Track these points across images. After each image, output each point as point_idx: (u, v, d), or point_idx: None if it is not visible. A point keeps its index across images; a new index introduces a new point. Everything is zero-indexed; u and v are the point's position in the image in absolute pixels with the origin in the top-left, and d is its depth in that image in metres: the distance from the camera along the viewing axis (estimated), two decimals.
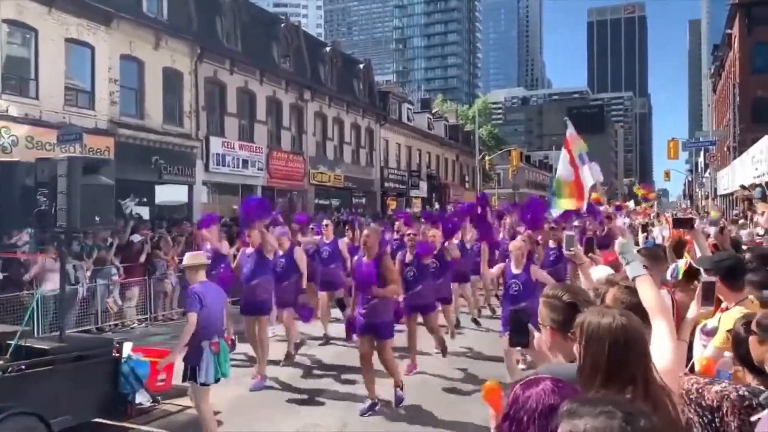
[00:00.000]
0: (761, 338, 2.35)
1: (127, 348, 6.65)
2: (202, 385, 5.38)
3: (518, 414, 1.66)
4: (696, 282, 3.34)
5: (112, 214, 12.59)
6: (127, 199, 18.59)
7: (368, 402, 6.77)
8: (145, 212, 18.81)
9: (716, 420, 2.10)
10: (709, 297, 2.92)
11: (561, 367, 2.21)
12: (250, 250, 8.44)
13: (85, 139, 14.75)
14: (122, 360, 6.18)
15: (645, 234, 8.80)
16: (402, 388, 6.89)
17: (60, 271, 7.31)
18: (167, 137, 20.07)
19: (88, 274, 11.38)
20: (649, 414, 1.24)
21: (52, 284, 10.62)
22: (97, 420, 5.86)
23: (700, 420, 2.06)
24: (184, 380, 5.52)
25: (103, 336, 8.81)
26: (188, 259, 5.81)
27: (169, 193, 20.75)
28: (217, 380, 5.48)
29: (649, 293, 2.44)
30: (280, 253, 8.84)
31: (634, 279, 2.52)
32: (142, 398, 6.58)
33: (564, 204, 9.45)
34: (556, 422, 1.26)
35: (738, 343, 2.41)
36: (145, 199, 19.75)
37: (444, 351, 8.75)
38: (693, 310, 3.27)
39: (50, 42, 16.24)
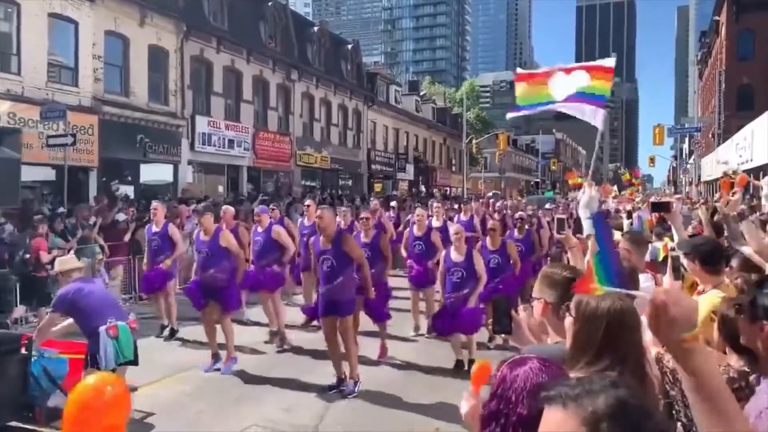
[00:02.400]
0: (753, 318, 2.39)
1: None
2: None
3: (506, 393, 1.69)
4: None
5: (17, 192, 12.41)
6: (116, 181, 18.50)
7: (345, 382, 6.70)
8: (130, 191, 18.68)
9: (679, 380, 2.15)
10: (676, 271, 2.99)
11: (546, 348, 2.24)
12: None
13: (69, 117, 14.57)
14: (33, 358, 5.47)
15: (630, 221, 8.85)
16: (356, 383, 6.67)
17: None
18: (152, 116, 19.86)
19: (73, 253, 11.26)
20: (632, 385, 1.25)
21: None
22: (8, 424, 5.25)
23: (684, 399, 2.10)
24: (85, 368, 5.22)
25: (10, 331, 7.79)
26: (60, 265, 5.68)
27: (154, 172, 20.61)
28: (120, 364, 5.26)
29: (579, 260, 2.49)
30: (259, 230, 8.85)
31: (588, 236, 2.60)
32: (58, 400, 5.40)
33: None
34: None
35: (725, 324, 2.45)
36: (129, 178, 19.61)
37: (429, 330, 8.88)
38: (666, 285, 3.34)
39: (33, 17, 15.95)
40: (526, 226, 10.40)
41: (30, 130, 15.31)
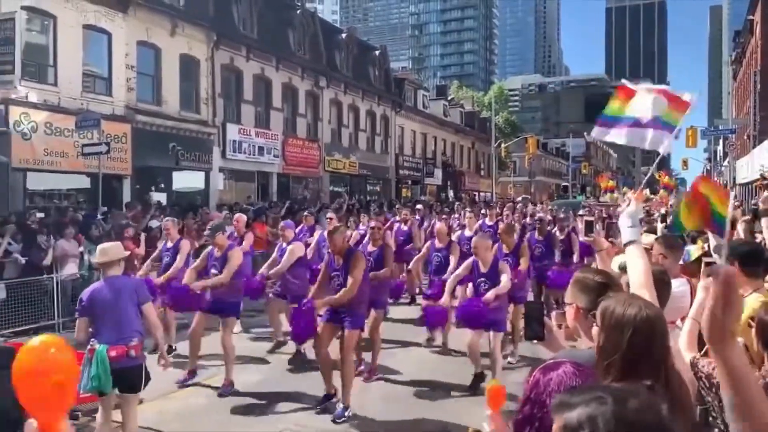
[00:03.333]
0: None
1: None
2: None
3: (540, 397, 1.68)
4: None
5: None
6: (152, 191, 18.86)
7: (333, 399, 6.42)
8: (162, 198, 18.98)
9: (715, 385, 2.11)
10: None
11: (579, 352, 2.22)
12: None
13: (103, 125, 14.90)
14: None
15: (664, 224, 8.71)
16: (346, 409, 6.18)
17: None
18: (184, 124, 20.18)
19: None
20: (639, 393, 1.24)
21: (71, 268, 10.79)
22: None
23: (720, 405, 2.06)
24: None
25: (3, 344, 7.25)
26: (99, 255, 5.16)
27: (186, 180, 20.92)
28: (90, 392, 4.81)
29: (637, 262, 2.46)
30: (284, 245, 8.71)
31: (627, 244, 2.57)
32: None
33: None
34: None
35: (764, 330, 2.39)
36: (162, 186, 19.93)
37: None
38: (701, 293, 3.26)
39: (68, 29, 16.35)
40: (548, 228, 10.37)
41: (66, 139, 15.68)
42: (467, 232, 10.20)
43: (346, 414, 6.14)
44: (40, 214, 13.24)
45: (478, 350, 6.93)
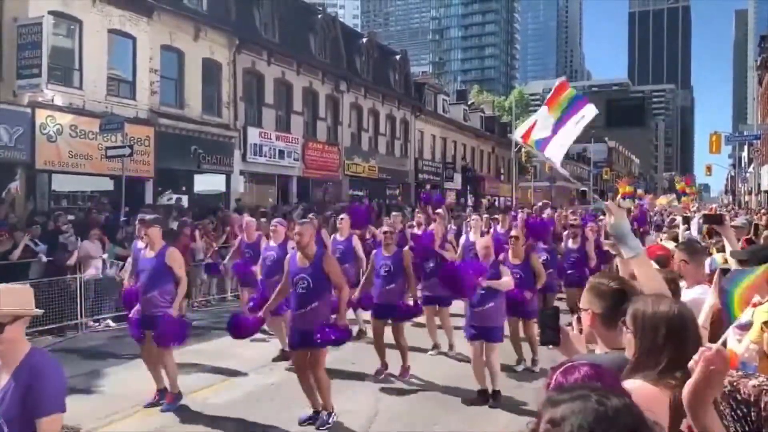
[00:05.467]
0: None
1: None
2: None
3: None
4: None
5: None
6: (167, 192, 19.06)
7: (320, 414, 6.05)
8: (184, 201, 19.19)
9: (752, 414, 2.08)
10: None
11: (597, 356, 2.22)
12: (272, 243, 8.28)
13: (127, 129, 15.11)
14: None
15: (686, 226, 8.58)
16: (330, 414, 5.97)
17: None
18: (206, 127, 20.38)
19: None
20: (623, 394, 1.29)
21: (94, 269, 10.94)
22: None
23: (734, 413, 2.04)
24: None
25: None
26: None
27: (207, 183, 21.13)
28: None
29: (646, 274, 2.44)
30: (272, 244, 8.31)
31: (630, 259, 2.56)
32: None
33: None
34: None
35: None
36: (184, 188, 20.14)
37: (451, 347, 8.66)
38: (711, 298, 3.24)
39: (94, 33, 16.61)
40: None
41: (90, 141, 15.92)
42: (472, 237, 9.71)
43: (331, 420, 5.95)
44: (71, 216, 13.48)
45: (483, 367, 6.66)
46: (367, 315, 8.52)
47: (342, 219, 9.72)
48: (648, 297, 2.07)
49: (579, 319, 2.52)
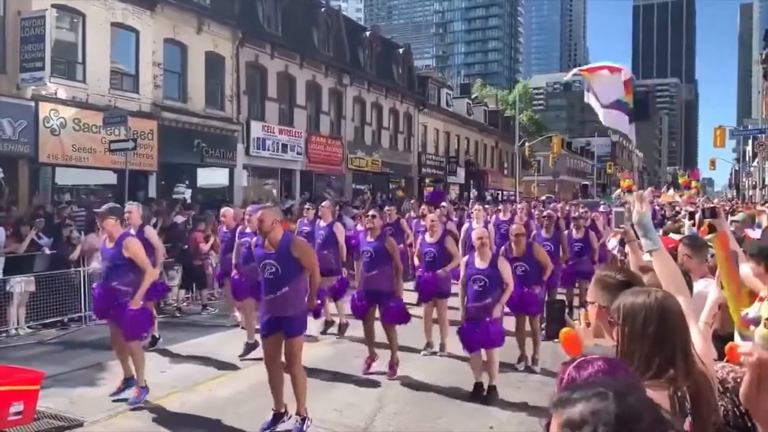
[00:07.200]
0: None
1: None
2: None
3: None
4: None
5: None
6: (181, 185, 19.11)
7: (284, 418, 5.73)
8: (187, 195, 19.19)
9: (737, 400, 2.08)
10: None
11: (604, 349, 2.21)
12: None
13: (130, 122, 15.07)
14: None
15: (692, 221, 8.53)
16: (304, 421, 5.62)
17: None
18: (209, 121, 20.36)
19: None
20: (640, 388, 1.27)
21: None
22: None
23: (736, 410, 2.03)
24: None
25: None
26: None
27: (210, 176, 21.12)
28: None
29: (665, 268, 2.42)
30: (248, 230, 8.30)
31: (649, 252, 2.53)
32: None
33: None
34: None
35: None
36: (187, 182, 20.15)
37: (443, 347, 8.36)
38: (714, 293, 3.22)
39: (97, 26, 16.59)
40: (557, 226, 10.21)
41: (93, 135, 15.93)
42: (474, 225, 10.03)
43: (305, 427, 5.59)
44: (79, 210, 13.51)
45: (480, 360, 6.59)
46: (349, 308, 8.19)
47: (324, 206, 9.79)
48: (636, 289, 2.06)
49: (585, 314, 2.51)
